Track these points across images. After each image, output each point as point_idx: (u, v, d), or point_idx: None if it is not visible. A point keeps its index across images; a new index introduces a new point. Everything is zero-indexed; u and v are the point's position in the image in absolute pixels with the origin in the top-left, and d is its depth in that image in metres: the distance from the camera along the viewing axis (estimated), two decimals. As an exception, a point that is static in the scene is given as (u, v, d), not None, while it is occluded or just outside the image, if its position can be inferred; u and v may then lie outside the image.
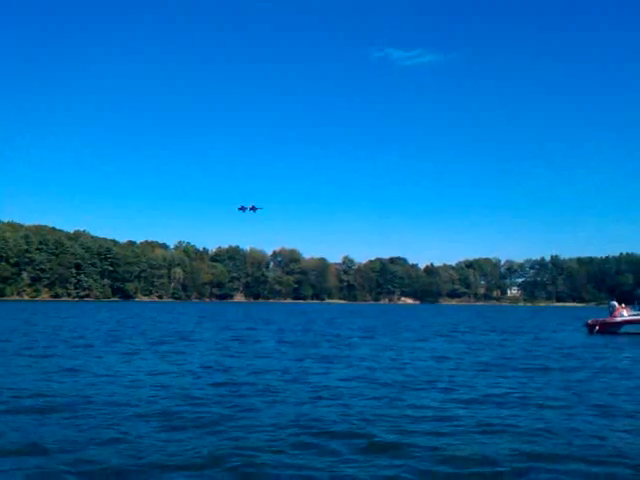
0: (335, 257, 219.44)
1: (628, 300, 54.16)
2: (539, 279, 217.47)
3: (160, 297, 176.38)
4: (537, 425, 11.54)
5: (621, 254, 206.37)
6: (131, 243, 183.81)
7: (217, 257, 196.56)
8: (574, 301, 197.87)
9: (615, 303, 43.46)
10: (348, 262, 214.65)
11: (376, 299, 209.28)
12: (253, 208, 50.88)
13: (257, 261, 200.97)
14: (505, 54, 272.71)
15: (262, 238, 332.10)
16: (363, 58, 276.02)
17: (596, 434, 10.98)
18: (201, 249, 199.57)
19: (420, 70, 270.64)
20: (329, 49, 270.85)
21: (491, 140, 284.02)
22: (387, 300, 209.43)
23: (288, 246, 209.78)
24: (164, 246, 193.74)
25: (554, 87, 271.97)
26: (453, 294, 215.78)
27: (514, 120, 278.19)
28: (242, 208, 50.50)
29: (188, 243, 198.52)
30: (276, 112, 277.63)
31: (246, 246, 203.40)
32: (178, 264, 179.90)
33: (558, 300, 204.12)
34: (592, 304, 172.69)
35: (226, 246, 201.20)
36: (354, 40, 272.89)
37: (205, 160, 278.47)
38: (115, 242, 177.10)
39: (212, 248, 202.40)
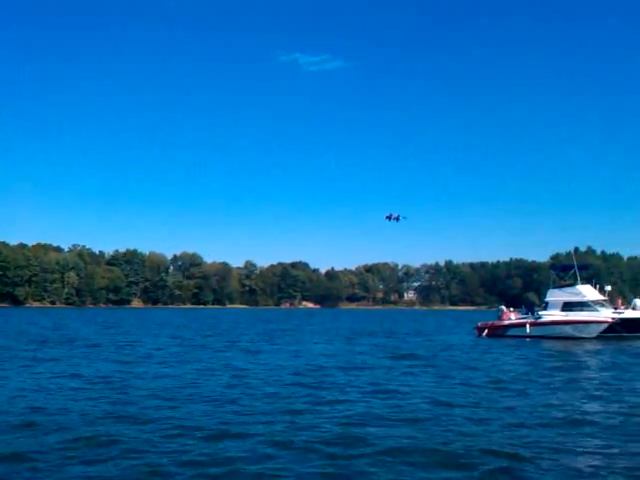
0: (237, 261, 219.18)
1: (517, 304, 57.45)
2: (434, 283, 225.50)
3: (53, 303, 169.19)
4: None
5: (511, 259, 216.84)
6: (22, 246, 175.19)
7: (114, 261, 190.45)
8: (466, 304, 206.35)
9: (503, 307, 45.82)
10: (250, 266, 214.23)
11: (277, 304, 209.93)
12: (397, 217, 47.10)
13: (156, 265, 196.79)
14: (413, 63, 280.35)
15: (162, 241, 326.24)
16: (270, 61, 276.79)
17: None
18: (97, 252, 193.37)
19: (326, 75, 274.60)
20: (235, 50, 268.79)
21: (387, 147, 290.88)
22: (288, 304, 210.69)
23: (189, 250, 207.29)
24: (58, 249, 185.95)
25: (463, 94, 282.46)
26: (352, 298, 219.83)
27: (414, 129, 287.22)
28: (389, 217, 46.53)
29: (83, 246, 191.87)
30: (178, 112, 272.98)
31: (145, 249, 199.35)
32: (72, 268, 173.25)
33: (451, 304, 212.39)
34: (483, 307, 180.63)
35: (124, 249, 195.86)
36: (261, 43, 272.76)
37: (97, 159, 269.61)
38: (5, 244, 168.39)
39: (109, 251, 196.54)
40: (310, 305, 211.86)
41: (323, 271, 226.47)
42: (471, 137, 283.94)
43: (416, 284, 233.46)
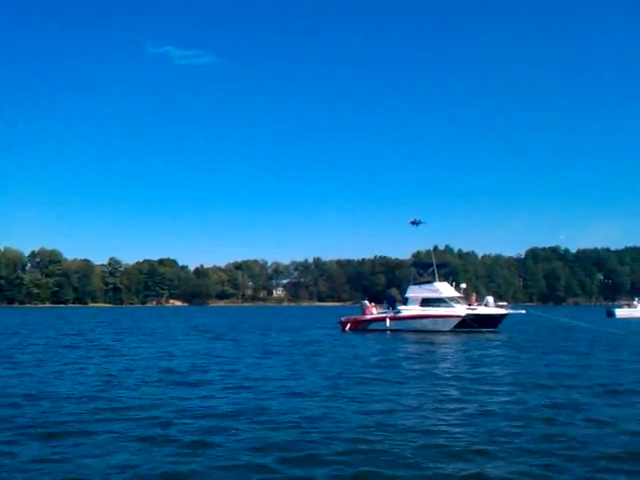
0: (101, 258, 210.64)
1: (380, 299, 59.53)
2: (302, 280, 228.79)
3: None
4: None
5: (375, 257, 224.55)
6: None
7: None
8: (333, 300, 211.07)
9: (366, 302, 47.52)
10: (114, 264, 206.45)
11: (143, 302, 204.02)
12: (419, 222, 47.55)
13: (12, 262, 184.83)
14: (286, 62, 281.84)
15: (18, 237, 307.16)
16: (139, 53, 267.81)
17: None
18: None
19: (197, 70, 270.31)
20: (103, 39, 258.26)
21: (258, 145, 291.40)
22: (155, 303, 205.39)
23: (48, 246, 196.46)
24: None
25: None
26: (222, 295, 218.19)
27: (287, 128, 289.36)
28: (414, 222, 47.02)
29: None
30: (39, 103, 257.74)
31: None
32: None
33: (319, 300, 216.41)
34: (349, 303, 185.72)
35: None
36: (131, 34, 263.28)
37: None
38: None
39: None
40: (178, 303, 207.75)
41: (192, 268, 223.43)
42: (337, 135, 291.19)
43: (285, 281, 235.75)
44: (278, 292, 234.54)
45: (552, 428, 11.13)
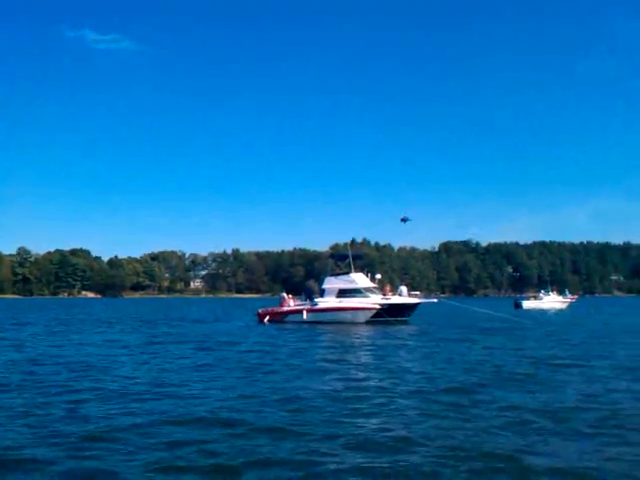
0: (10, 248, 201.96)
1: (299, 291, 59.78)
2: (221, 272, 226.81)
3: None
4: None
5: (294, 249, 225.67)
6: None
7: None
8: (252, 292, 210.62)
9: (284, 294, 47.52)
10: (24, 253, 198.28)
11: (54, 293, 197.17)
12: (404, 219, 51.46)
13: None
14: (203, 50, 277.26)
15: None
16: (56, 36, 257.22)
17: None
18: None
19: (116, 55, 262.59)
20: (17, 20, 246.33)
21: (171, 132, 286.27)
22: (67, 294, 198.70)
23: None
24: None
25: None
26: (137, 287, 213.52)
27: (207, 115, 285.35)
28: (404, 219, 51.06)
29: None
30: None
31: None
32: None
33: (238, 291, 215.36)
34: (268, 295, 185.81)
35: None
36: (47, 16, 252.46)
37: None
38: None
39: None
40: (91, 295, 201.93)
41: (105, 259, 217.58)
42: (255, 126, 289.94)
43: (203, 272, 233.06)
44: (196, 284, 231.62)
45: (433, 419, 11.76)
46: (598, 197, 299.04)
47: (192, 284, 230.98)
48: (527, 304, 77.01)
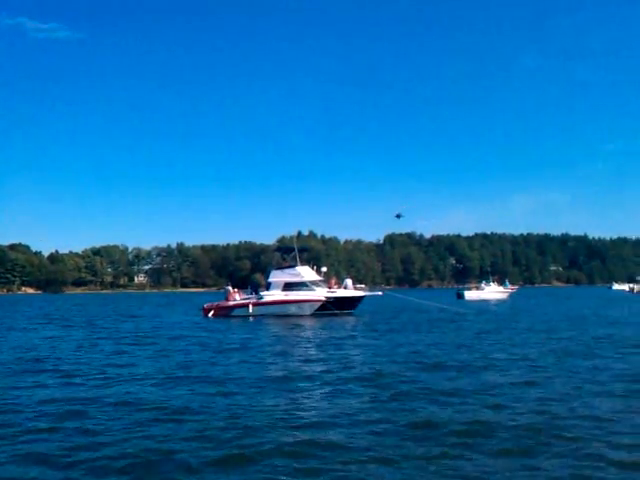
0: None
1: (245, 285, 59.53)
2: (165, 266, 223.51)
3: None
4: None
5: (240, 242, 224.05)
6: None
7: None
8: (198, 286, 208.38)
9: (229, 288, 47.29)
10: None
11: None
12: (399, 215, 54.37)
13: None
14: (145, 41, 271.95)
15: None
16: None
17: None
18: None
19: (54, 44, 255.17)
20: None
21: (113, 123, 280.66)
22: (5, 290, 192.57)
23: None
24: None
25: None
26: (79, 282, 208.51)
27: (152, 105, 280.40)
28: (398, 215, 53.80)
29: None
30: None
31: None
32: None
33: (183, 286, 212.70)
34: (214, 289, 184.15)
35: None
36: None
37: None
38: None
39: None
40: (31, 291, 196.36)
41: (46, 254, 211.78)
42: (198, 119, 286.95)
43: (147, 267, 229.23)
44: (140, 278, 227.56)
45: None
46: (538, 190, 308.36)
47: (136, 279, 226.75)
48: (469, 295, 78.71)
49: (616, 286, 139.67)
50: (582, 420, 10.19)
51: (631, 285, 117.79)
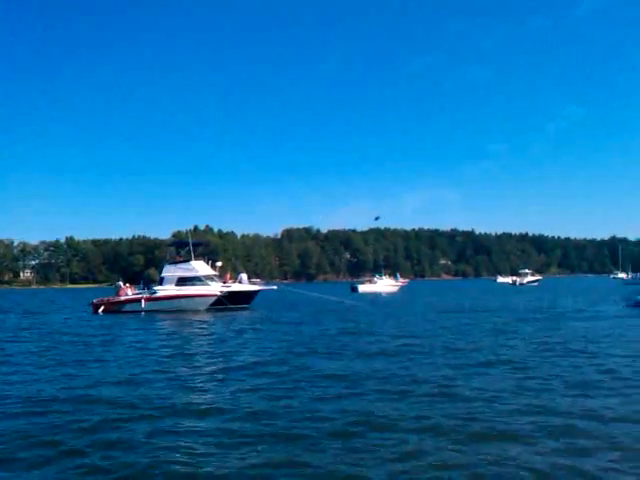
0: None
1: (138, 280, 58.36)
2: (54, 261, 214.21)
3: None
4: None
5: (134, 236, 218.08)
6: None
7: None
8: (88, 282, 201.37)
9: (121, 283, 46.26)
10: None
11: None
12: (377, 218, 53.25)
13: None
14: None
15: None
16: None
17: None
18: None
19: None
20: None
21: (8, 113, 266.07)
22: None
23: None
24: None
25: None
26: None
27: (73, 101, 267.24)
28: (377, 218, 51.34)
29: None
30: None
31: None
32: None
33: (72, 282, 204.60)
34: (105, 284, 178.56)
35: None
36: None
37: None
38: None
39: None
40: None
41: None
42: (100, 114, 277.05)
43: (34, 262, 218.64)
44: (26, 274, 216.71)
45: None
46: (428, 187, 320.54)
47: (22, 275, 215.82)
48: (362, 288, 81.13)
49: (500, 279, 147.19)
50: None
51: (514, 278, 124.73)
